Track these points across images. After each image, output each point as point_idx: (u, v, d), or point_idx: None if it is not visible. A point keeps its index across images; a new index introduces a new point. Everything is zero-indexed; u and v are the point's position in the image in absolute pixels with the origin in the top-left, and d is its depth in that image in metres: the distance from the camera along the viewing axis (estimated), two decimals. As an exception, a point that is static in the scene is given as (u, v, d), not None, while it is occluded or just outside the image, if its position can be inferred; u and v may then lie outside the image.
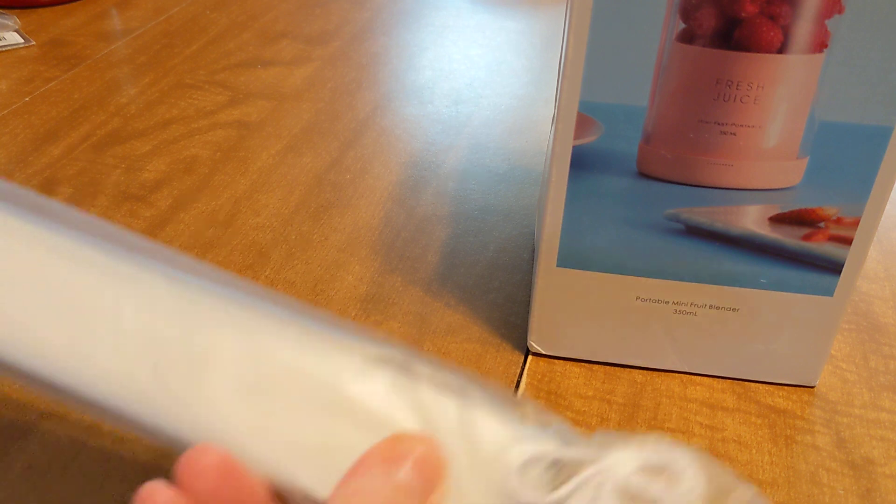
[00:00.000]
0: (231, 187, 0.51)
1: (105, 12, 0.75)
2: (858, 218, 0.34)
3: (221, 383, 0.23)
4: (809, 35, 0.31)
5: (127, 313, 0.24)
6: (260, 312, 0.24)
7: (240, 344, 0.24)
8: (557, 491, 0.22)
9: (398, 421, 0.23)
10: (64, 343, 0.24)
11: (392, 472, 0.21)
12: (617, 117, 0.33)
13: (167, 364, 0.23)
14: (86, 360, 0.24)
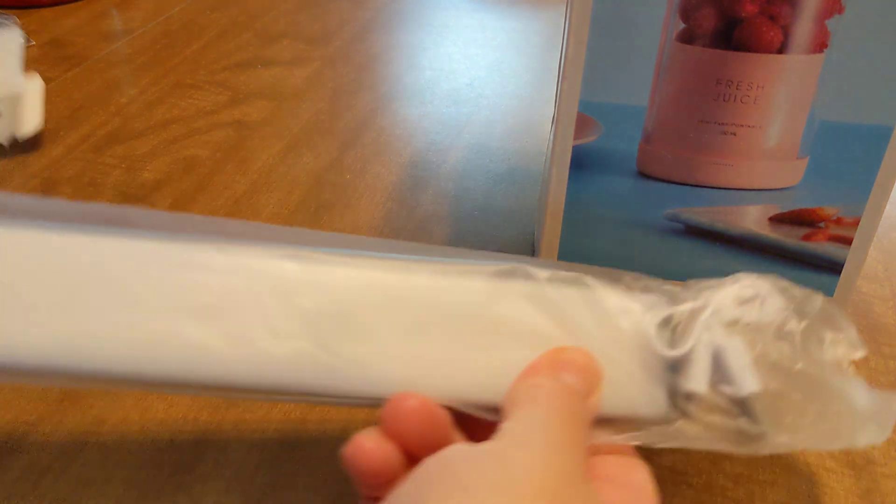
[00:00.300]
0: (231, 187, 0.51)
1: (105, 12, 0.75)
2: (858, 218, 0.34)
3: (384, 335, 0.25)
4: (809, 35, 0.31)
5: (271, 302, 0.25)
6: (380, 259, 0.27)
7: (381, 294, 0.26)
8: (685, 342, 0.26)
9: (541, 324, 0.26)
10: (228, 345, 0.25)
11: (558, 375, 0.24)
12: (617, 117, 0.33)
13: (330, 334, 0.25)
14: (258, 355, 0.25)
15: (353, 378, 0.25)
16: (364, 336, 0.25)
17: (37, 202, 0.25)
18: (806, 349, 0.27)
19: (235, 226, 0.26)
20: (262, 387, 0.25)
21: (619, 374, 0.26)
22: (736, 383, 0.26)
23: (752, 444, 0.26)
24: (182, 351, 0.24)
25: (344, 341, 0.25)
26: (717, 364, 0.26)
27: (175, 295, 0.25)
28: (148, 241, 0.25)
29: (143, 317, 0.24)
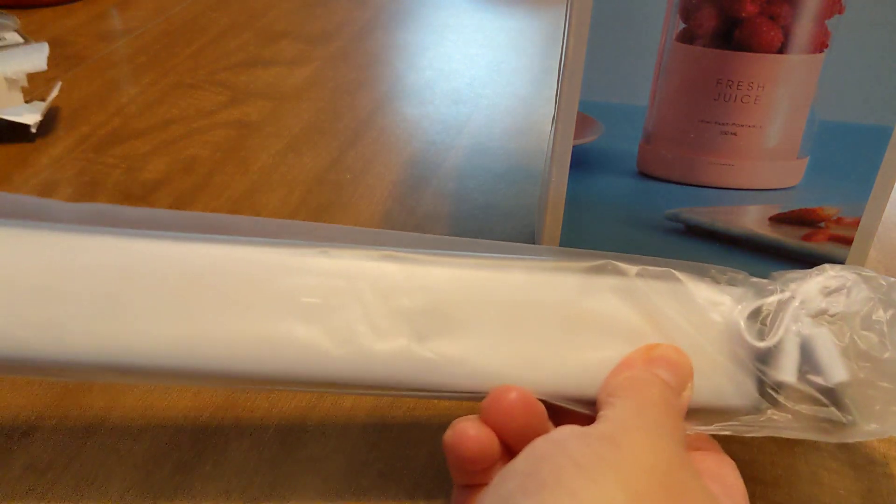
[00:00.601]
0: (231, 187, 0.51)
1: (105, 12, 0.75)
2: (858, 218, 0.34)
3: (481, 330, 0.27)
4: (809, 35, 0.31)
5: (373, 302, 0.26)
6: (473, 258, 0.28)
7: (477, 291, 0.27)
8: (774, 333, 0.27)
9: (633, 318, 0.27)
10: (334, 344, 0.26)
11: (652, 369, 0.26)
12: (617, 117, 0.33)
13: (429, 331, 0.26)
14: (361, 353, 0.26)
15: (451, 373, 0.26)
16: (462, 332, 0.27)
17: (144, 213, 0.28)
18: (893, 338, 0.27)
19: (327, 230, 0.28)
20: (365, 382, 0.26)
21: (710, 366, 0.27)
22: (825, 373, 0.27)
23: (841, 432, 0.27)
24: (291, 350, 0.26)
25: (442, 337, 0.26)
26: (806, 354, 0.27)
27: (283, 298, 0.26)
28: (255, 247, 0.27)
29: (255, 319, 0.26)
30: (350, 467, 0.33)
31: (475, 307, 0.27)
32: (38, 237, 0.26)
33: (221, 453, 0.33)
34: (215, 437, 0.34)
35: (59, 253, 0.26)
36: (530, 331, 0.27)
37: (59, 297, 0.26)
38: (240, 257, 0.27)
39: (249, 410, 0.35)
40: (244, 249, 0.27)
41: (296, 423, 0.35)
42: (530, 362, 0.27)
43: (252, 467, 0.33)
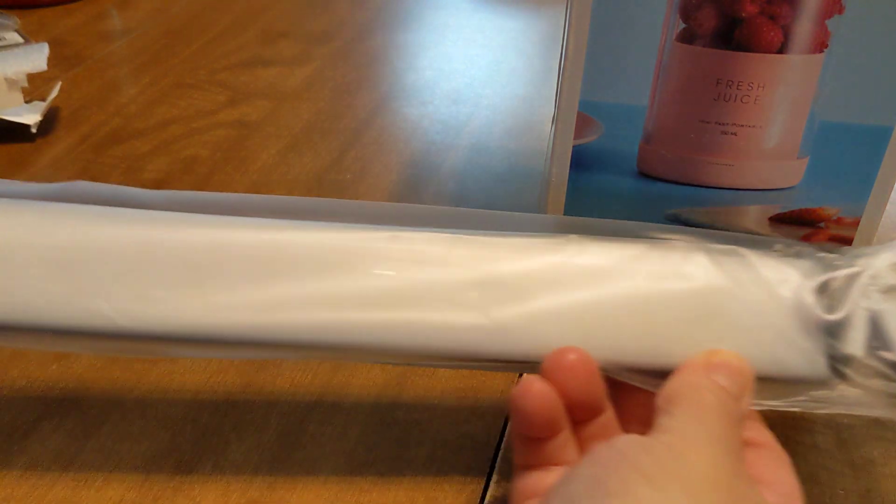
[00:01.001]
0: (231, 187, 0.51)
1: (105, 12, 0.75)
2: (858, 218, 0.34)
3: (544, 301, 0.27)
4: (809, 35, 0.31)
5: (448, 281, 0.28)
6: (535, 238, 0.29)
7: (535, 264, 0.28)
8: (843, 307, 0.27)
9: (698, 294, 0.27)
10: (418, 323, 0.27)
11: (712, 374, 0.26)
12: (617, 117, 0.33)
13: (495, 303, 0.27)
14: (442, 327, 0.27)
15: (519, 343, 0.27)
16: (527, 304, 0.27)
17: (236, 198, 0.30)
18: None
19: (380, 208, 0.30)
20: (445, 353, 0.27)
21: (779, 338, 0.27)
22: (895, 349, 0.27)
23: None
24: (379, 330, 0.27)
25: (510, 309, 0.27)
26: (876, 329, 0.27)
27: (363, 285, 0.27)
28: (333, 232, 0.28)
29: (347, 304, 0.27)
30: (350, 468, 0.33)
31: (535, 277, 0.28)
32: (126, 217, 0.29)
33: (221, 454, 0.33)
34: (215, 438, 0.34)
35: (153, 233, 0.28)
36: (597, 304, 0.27)
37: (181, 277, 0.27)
38: (322, 242, 0.28)
39: (249, 411, 0.35)
40: (326, 235, 0.28)
41: (295, 423, 0.35)
42: (596, 332, 0.27)
43: (252, 468, 0.33)
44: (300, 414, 0.35)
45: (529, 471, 0.28)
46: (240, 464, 0.33)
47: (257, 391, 0.36)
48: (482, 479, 0.33)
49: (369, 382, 0.37)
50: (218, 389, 0.36)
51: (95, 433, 0.34)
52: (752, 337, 0.27)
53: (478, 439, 0.35)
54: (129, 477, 0.32)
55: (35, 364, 0.37)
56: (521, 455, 0.28)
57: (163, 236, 0.28)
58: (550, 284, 0.28)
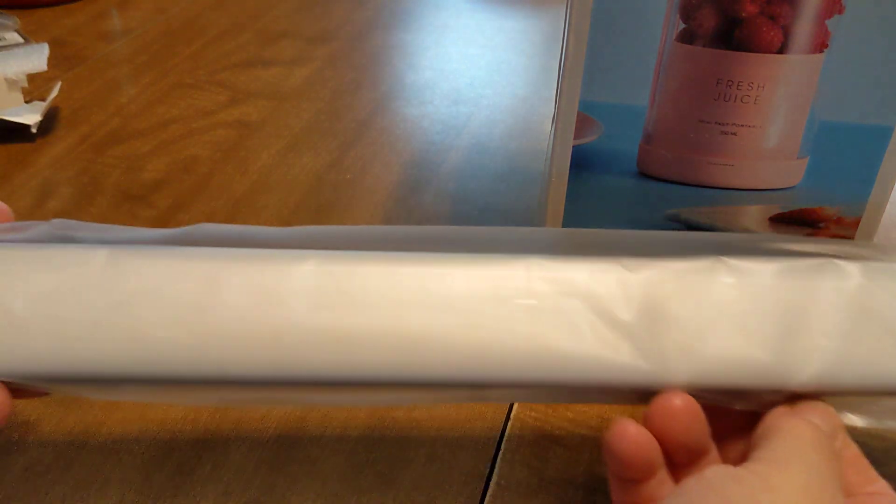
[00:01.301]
0: (231, 187, 0.51)
1: (105, 12, 0.75)
2: (858, 218, 0.34)
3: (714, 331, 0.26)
4: (809, 35, 0.31)
5: (589, 311, 0.26)
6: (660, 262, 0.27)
7: (684, 287, 0.27)
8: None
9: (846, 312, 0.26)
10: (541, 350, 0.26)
11: (805, 414, 0.25)
12: (617, 117, 0.33)
13: (648, 332, 0.26)
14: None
15: (676, 374, 0.26)
16: (680, 329, 0.26)
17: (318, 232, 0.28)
18: None
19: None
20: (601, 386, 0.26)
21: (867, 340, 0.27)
22: None
23: None
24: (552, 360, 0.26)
25: (670, 338, 0.26)
26: None
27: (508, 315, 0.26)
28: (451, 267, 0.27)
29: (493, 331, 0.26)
30: (349, 468, 0.33)
31: (692, 305, 0.27)
32: (252, 260, 0.27)
33: (221, 455, 0.33)
34: (215, 439, 0.34)
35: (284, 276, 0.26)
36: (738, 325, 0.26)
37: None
38: (428, 277, 0.27)
39: (248, 412, 0.35)
40: (444, 270, 0.27)
41: (295, 424, 0.35)
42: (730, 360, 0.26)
43: (251, 469, 0.33)
44: (300, 414, 0.35)
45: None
46: (240, 464, 0.33)
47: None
48: (482, 480, 0.33)
49: (369, 382, 0.37)
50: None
51: (95, 435, 0.34)
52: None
53: (478, 439, 0.35)
54: (129, 477, 0.32)
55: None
56: (618, 493, 0.27)
57: (290, 279, 0.26)
58: (701, 308, 0.26)
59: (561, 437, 0.35)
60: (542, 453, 0.34)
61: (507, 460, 0.34)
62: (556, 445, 0.34)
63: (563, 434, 0.35)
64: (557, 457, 0.34)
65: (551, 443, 0.35)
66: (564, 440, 0.35)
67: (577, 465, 0.34)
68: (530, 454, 0.34)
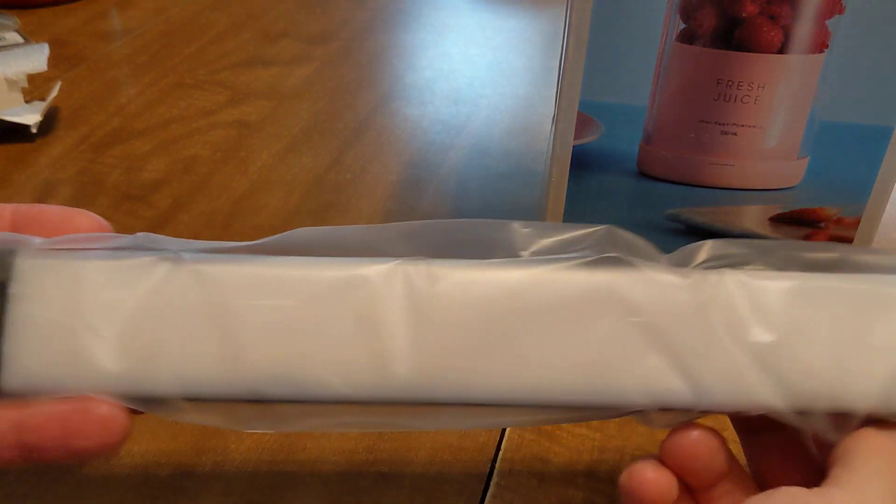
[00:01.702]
0: (231, 187, 0.51)
1: (105, 12, 0.75)
2: (858, 218, 0.34)
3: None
4: (810, 35, 0.31)
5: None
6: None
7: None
8: None
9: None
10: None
11: (887, 429, 0.23)
12: (617, 117, 0.33)
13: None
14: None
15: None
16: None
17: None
18: None
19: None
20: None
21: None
22: None
23: None
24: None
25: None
26: None
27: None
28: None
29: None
30: (350, 468, 0.33)
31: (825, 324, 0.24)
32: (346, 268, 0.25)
33: (221, 454, 0.33)
34: (215, 438, 0.34)
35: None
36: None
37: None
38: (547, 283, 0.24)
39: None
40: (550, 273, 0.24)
41: (296, 423, 0.35)
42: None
43: (252, 468, 0.33)
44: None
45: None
46: (240, 464, 0.33)
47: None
48: (482, 480, 0.33)
49: (369, 382, 0.37)
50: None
51: (95, 433, 0.34)
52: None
53: (478, 440, 0.35)
54: (129, 477, 0.32)
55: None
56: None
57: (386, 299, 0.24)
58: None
59: (561, 437, 0.35)
60: (543, 454, 0.34)
61: (508, 460, 0.34)
62: (556, 445, 0.34)
63: (564, 434, 0.35)
64: (557, 457, 0.34)
65: (551, 443, 0.35)
66: (564, 440, 0.35)
67: (577, 465, 0.34)
68: (530, 455, 0.34)
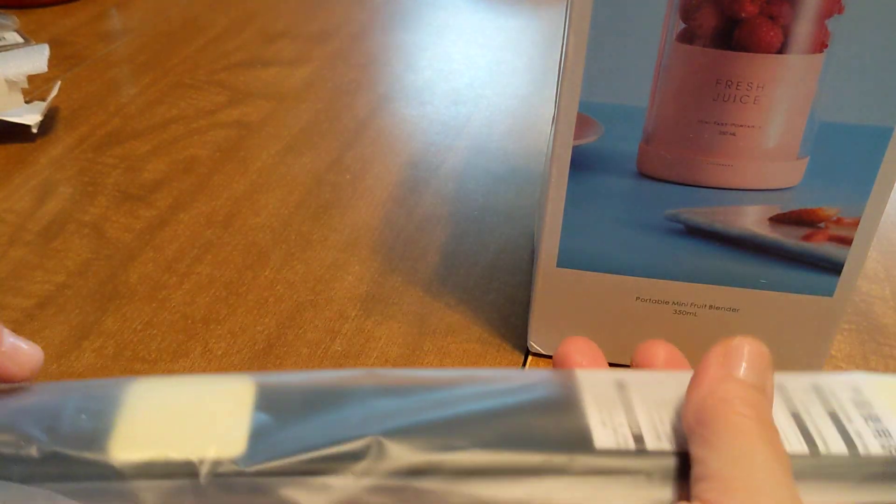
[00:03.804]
0: (231, 187, 0.51)
1: (105, 12, 0.75)
2: (858, 218, 0.34)
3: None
4: (809, 35, 0.31)
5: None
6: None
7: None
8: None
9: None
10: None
11: (731, 367, 0.24)
12: (617, 117, 0.33)
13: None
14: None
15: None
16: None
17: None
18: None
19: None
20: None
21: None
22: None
23: None
24: None
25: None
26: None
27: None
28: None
29: None
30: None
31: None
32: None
33: (221, 454, 0.33)
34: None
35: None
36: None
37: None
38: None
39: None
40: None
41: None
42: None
43: (252, 468, 0.33)
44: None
45: None
46: (239, 464, 0.33)
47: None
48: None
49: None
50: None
51: (95, 433, 0.34)
52: None
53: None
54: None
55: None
56: None
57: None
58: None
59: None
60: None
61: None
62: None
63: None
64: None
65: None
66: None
67: (577, 465, 0.34)
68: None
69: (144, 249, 0.46)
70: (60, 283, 0.43)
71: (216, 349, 0.39)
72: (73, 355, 0.38)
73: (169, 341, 0.40)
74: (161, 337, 0.40)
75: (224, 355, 0.39)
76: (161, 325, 0.41)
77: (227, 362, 0.39)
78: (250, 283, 0.44)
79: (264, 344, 0.40)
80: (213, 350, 0.39)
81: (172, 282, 0.43)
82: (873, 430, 0.24)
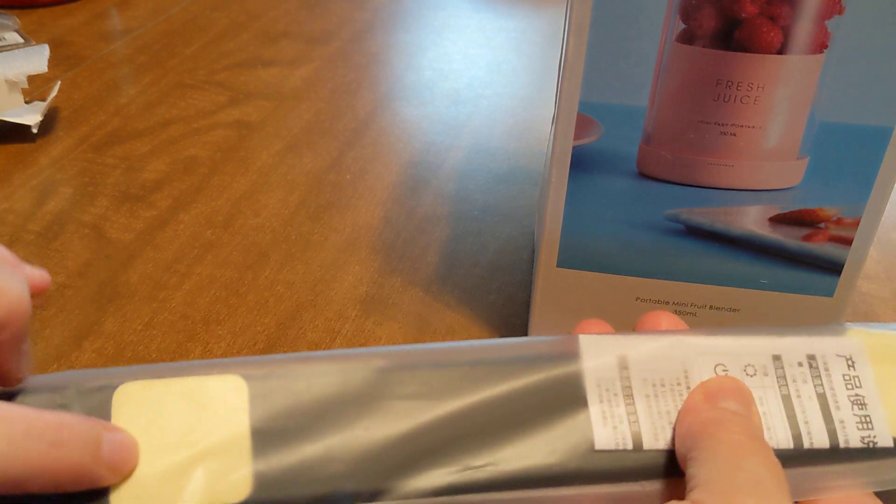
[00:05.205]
0: (231, 187, 0.51)
1: (105, 12, 0.75)
2: (858, 218, 0.34)
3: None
4: (809, 35, 0.31)
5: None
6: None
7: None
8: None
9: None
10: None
11: (717, 404, 0.24)
12: (617, 117, 0.33)
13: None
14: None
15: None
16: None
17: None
18: None
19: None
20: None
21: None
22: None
23: None
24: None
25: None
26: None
27: None
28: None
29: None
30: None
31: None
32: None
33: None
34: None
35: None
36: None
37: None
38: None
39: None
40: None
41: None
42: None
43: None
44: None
45: None
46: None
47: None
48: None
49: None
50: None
51: (95, 433, 0.34)
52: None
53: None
54: (128, 477, 0.32)
55: (35, 364, 0.37)
56: None
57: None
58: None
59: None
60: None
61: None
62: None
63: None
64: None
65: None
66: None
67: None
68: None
69: (145, 250, 0.46)
70: (61, 283, 0.43)
71: (216, 349, 0.39)
72: (74, 355, 0.38)
73: (169, 342, 0.40)
74: (161, 337, 0.40)
75: (224, 356, 0.39)
76: (161, 325, 0.41)
77: (227, 362, 0.39)
78: (250, 283, 0.44)
79: (264, 344, 0.40)
80: (214, 350, 0.39)
81: (173, 282, 0.43)
82: (858, 418, 0.24)
